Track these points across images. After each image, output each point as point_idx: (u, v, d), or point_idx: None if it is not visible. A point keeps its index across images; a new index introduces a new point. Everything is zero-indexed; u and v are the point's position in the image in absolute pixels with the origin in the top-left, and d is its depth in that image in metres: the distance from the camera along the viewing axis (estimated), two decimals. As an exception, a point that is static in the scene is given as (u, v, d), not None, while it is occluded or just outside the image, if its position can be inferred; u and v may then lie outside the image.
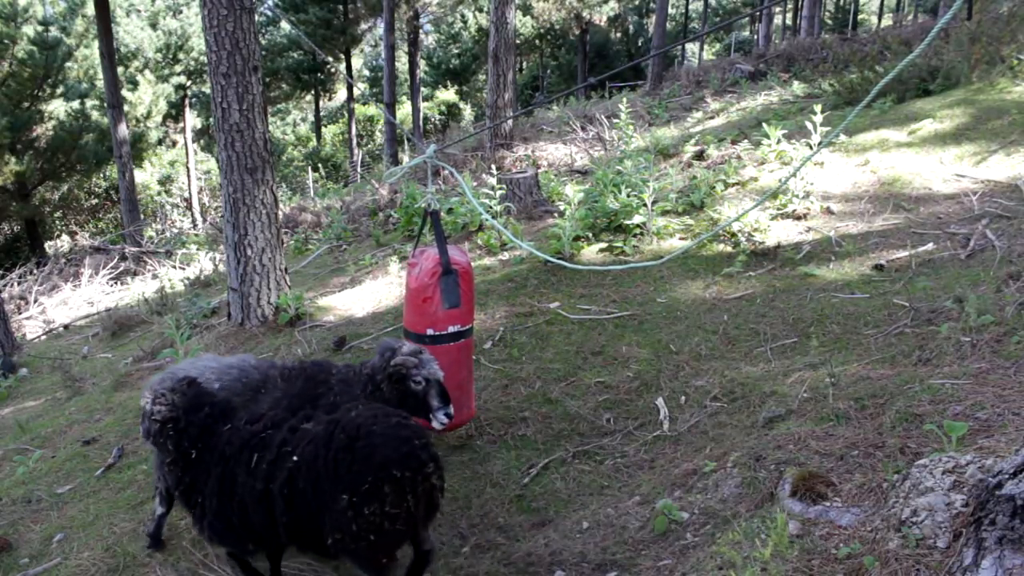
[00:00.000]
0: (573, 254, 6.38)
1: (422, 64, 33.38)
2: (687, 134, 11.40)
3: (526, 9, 30.66)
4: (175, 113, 25.19)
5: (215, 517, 2.73)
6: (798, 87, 13.24)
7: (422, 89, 30.81)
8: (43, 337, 9.80)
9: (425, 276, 3.85)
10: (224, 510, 2.70)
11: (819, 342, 4.21)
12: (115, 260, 13.16)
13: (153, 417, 2.78)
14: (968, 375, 3.19)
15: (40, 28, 18.20)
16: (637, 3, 38.25)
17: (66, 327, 9.91)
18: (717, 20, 39.34)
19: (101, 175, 22.85)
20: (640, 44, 37.30)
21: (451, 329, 3.82)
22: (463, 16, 35.41)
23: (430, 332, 3.79)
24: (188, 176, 24.17)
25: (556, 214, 7.55)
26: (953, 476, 2.16)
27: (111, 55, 14.57)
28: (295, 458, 2.55)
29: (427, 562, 2.76)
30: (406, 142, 24.92)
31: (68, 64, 19.40)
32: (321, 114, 35.66)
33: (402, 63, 34.40)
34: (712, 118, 13.11)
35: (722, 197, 7.01)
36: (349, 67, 29.59)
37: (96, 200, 24.02)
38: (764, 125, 7.87)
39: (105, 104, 16.27)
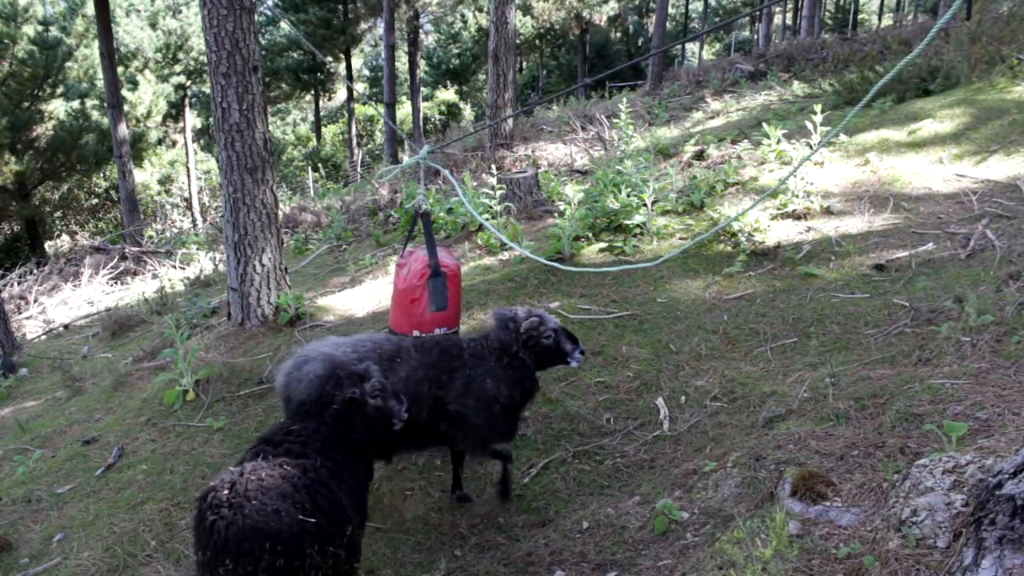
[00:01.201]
0: (573, 254, 6.38)
1: (422, 64, 33.39)
2: (687, 134, 11.40)
3: (526, 9, 30.65)
4: (175, 113, 25.19)
5: None
6: (798, 87, 13.24)
7: (422, 89, 30.82)
8: (43, 337, 9.80)
9: (413, 277, 3.85)
10: None
11: (819, 342, 4.21)
12: (115, 260, 13.16)
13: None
14: (968, 375, 3.19)
15: (40, 28, 18.20)
16: (637, 3, 38.25)
17: (66, 327, 9.91)
18: (717, 20, 39.34)
19: (101, 175, 22.84)
20: (640, 44, 37.30)
21: (437, 331, 3.82)
22: (463, 16, 35.41)
23: (416, 334, 3.79)
24: (188, 176, 24.17)
25: (556, 214, 7.55)
26: (953, 476, 2.16)
27: (111, 55, 14.57)
28: None
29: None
30: (406, 142, 24.92)
31: (68, 64, 19.40)
32: (321, 114, 35.66)
33: (402, 63, 34.41)
34: (712, 118, 13.11)
35: (722, 197, 7.01)
36: (349, 67, 29.59)
37: (96, 200, 24.02)
38: (764, 125, 7.87)
39: (105, 104, 16.27)
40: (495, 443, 3.47)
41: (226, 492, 2.32)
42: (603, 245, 6.53)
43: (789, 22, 37.13)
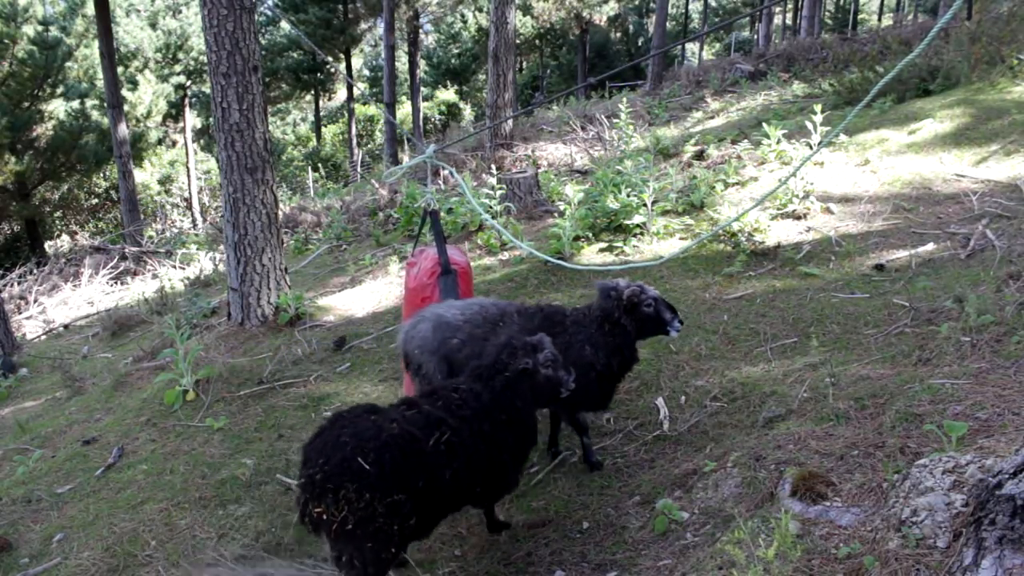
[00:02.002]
0: (573, 254, 6.38)
1: (422, 64, 33.38)
2: (687, 134, 11.40)
3: (526, 9, 30.65)
4: (175, 113, 25.19)
5: None
6: (798, 87, 13.24)
7: (422, 89, 30.81)
8: (43, 337, 9.80)
9: (424, 276, 3.87)
10: None
11: (819, 342, 4.21)
12: (115, 260, 13.16)
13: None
14: (968, 375, 3.19)
15: (40, 28, 18.20)
16: (637, 3, 38.24)
17: (66, 327, 9.91)
18: (717, 20, 39.33)
19: (101, 175, 22.84)
20: (640, 44, 37.30)
21: None
22: (463, 16, 35.41)
23: None
24: (188, 176, 24.16)
25: (556, 214, 7.55)
26: (953, 476, 2.16)
27: (111, 55, 14.57)
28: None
29: None
30: (406, 142, 24.93)
31: (68, 64, 19.40)
32: (321, 114, 35.65)
33: (402, 63, 34.40)
34: (712, 118, 13.11)
35: (722, 197, 7.01)
36: (349, 67, 29.59)
37: (96, 200, 24.01)
38: (764, 125, 7.87)
39: (105, 104, 16.27)
40: (583, 409, 3.59)
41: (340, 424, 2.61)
42: (603, 245, 6.53)
43: (789, 22, 37.13)
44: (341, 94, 35.11)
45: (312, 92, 32.52)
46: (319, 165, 28.07)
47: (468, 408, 2.81)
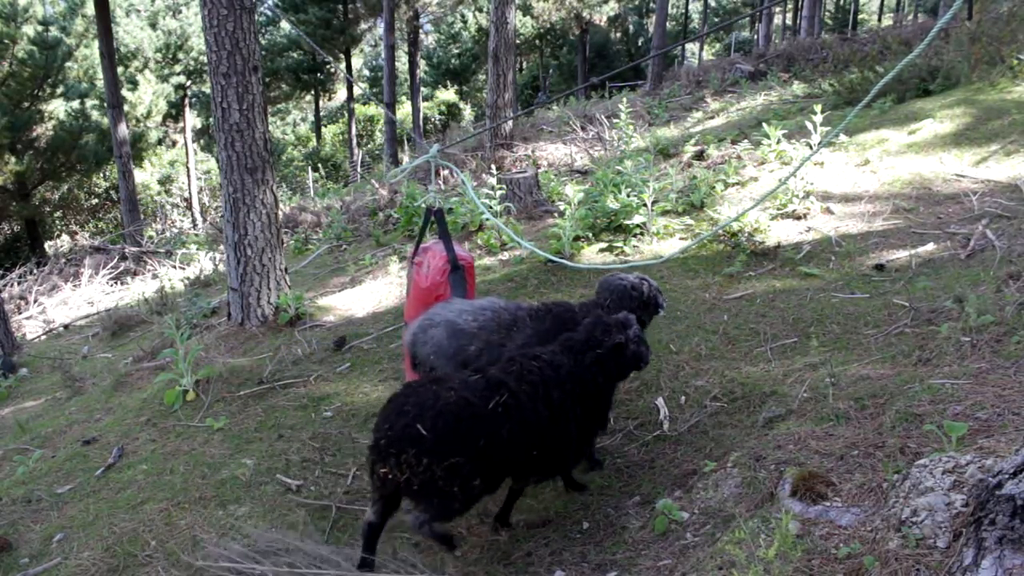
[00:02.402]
0: (573, 254, 6.38)
1: (422, 64, 33.38)
2: (687, 134, 11.40)
3: (526, 9, 30.66)
4: (175, 113, 25.19)
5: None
6: (798, 87, 13.24)
7: (422, 89, 30.81)
8: (43, 337, 9.80)
9: (436, 274, 3.89)
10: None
11: (819, 342, 4.21)
12: (115, 260, 13.16)
13: None
14: (968, 375, 3.19)
15: (40, 28, 18.20)
16: (637, 3, 38.25)
17: (66, 327, 9.91)
18: (717, 20, 39.35)
19: (101, 175, 22.85)
20: (640, 44, 37.31)
21: None
22: (463, 16, 35.42)
23: None
24: (188, 176, 24.17)
25: (556, 214, 7.55)
26: (953, 476, 2.16)
27: (111, 55, 14.57)
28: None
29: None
30: (406, 142, 24.92)
31: (68, 64, 19.40)
32: (321, 114, 35.65)
33: (402, 63, 34.40)
34: (712, 118, 13.11)
35: (722, 197, 7.01)
36: (349, 67, 29.59)
37: (96, 200, 24.02)
38: (764, 125, 7.87)
39: (105, 104, 16.27)
40: None
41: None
42: (603, 245, 6.53)
43: (789, 22, 37.13)
44: (341, 94, 35.11)
45: (312, 92, 32.52)
46: (319, 165, 28.08)
47: (539, 375, 2.95)
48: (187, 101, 25.03)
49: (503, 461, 2.86)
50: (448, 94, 35.82)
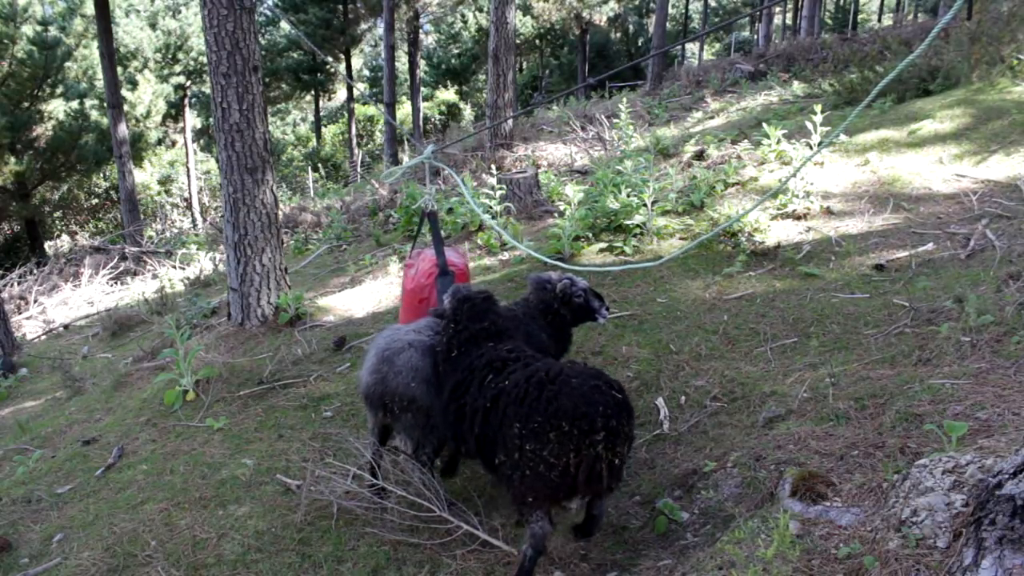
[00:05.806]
0: (573, 254, 6.38)
1: (422, 64, 33.36)
2: (687, 134, 11.40)
3: (526, 9, 30.65)
4: (175, 113, 25.18)
5: (442, 411, 3.18)
6: (798, 87, 13.24)
7: (422, 89, 30.80)
8: (43, 337, 9.80)
9: (422, 277, 3.87)
10: (447, 408, 3.13)
11: (819, 342, 4.21)
12: (115, 260, 13.17)
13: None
14: (968, 375, 3.19)
15: (40, 28, 18.18)
16: (637, 3, 38.22)
17: (66, 327, 9.91)
18: (717, 20, 39.34)
19: (101, 175, 22.83)
20: (640, 44, 37.30)
21: None
22: (463, 16, 35.40)
23: None
24: (188, 176, 24.16)
25: (556, 214, 7.55)
26: (953, 476, 2.16)
27: (111, 55, 14.57)
28: (506, 382, 2.89)
29: (589, 527, 3.00)
30: (406, 142, 24.92)
31: (68, 64, 19.38)
32: (321, 114, 35.64)
33: (402, 63, 34.39)
34: (712, 118, 13.10)
35: (722, 197, 7.01)
36: (349, 67, 29.58)
37: (96, 200, 24.01)
38: (764, 125, 7.87)
39: (105, 104, 16.27)
40: None
41: None
42: (603, 245, 6.53)
43: (789, 22, 37.11)
44: (341, 94, 35.11)
45: (312, 92, 32.51)
46: (319, 165, 28.07)
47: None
48: (187, 101, 25.02)
49: None
50: (448, 94, 35.80)
